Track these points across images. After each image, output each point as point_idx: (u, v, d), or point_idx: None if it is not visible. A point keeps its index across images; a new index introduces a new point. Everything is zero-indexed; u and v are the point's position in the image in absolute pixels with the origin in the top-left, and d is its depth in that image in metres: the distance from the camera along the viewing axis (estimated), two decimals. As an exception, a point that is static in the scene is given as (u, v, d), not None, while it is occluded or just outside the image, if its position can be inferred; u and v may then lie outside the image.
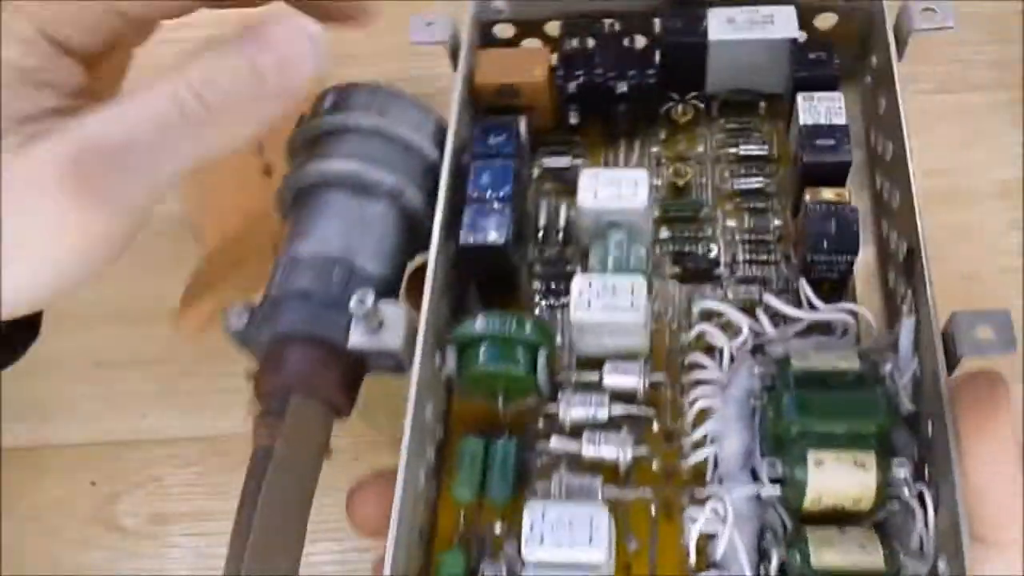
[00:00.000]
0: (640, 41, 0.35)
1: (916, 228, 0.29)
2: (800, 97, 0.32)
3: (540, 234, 0.34)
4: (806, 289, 0.30)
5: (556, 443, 0.29)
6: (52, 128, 0.25)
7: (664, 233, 0.33)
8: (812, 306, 0.30)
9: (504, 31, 0.36)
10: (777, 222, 0.33)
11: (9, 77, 0.26)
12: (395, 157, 0.31)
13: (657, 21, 0.35)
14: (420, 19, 0.34)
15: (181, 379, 0.46)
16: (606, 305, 0.29)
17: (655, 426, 0.30)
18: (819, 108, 0.32)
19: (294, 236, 0.31)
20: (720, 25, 0.34)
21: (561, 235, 0.34)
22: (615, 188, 0.31)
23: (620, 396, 0.30)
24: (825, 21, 0.35)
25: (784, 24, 0.33)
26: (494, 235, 0.30)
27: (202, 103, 0.25)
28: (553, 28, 0.36)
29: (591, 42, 0.35)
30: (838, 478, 0.26)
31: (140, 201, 0.26)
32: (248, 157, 0.42)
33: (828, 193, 0.31)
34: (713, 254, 0.33)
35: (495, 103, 0.34)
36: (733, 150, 0.34)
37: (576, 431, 0.30)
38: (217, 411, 0.45)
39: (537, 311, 0.33)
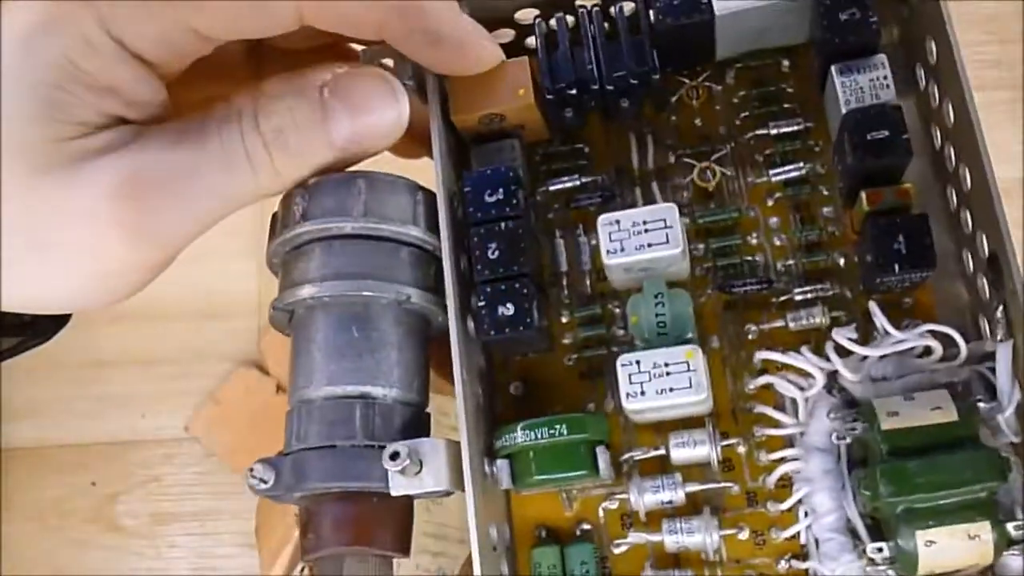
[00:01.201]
0: (628, 7, 0.29)
1: (999, 229, 0.25)
2: (836, 72, 0.27)
3: (564, 279, 0.30)
4: (880, 317, 0.26)
5: (635, 538, 0.27)
6: (114, 143, 0.24)
7: (700, 248, 0.29)
8: (887, 331, 0.26)
9: (468, 29, 0.30)
10: (827, 210, 0.29)
11: (63, 76, 0.23)
12: (390, 259, 0.27)
13: (646, -12, 0.29)
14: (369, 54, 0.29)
15: (181, 379, 0.46)
16: (661, 389, 0.26)
17: (734, 488, 0.28)
18: (861, 84, 0.27)
19: (301, 373, 0.27)
20: (726, -9, 0.28)
21: (587, 278, 0.30)
22: (643, 236, 0.27)
23: (692, 466, 0.27)
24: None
25: (803, -24, 0.28)
26: (519, 324, 0.27)
27: (269, 153, 0.25)
28: (522, 15, 0.30)
29: (570, 20, 0.30)
30: (952, 553, 0.24)
31: (183, 238, 0.25)
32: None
33: (890, 195, 0.26)
34: (761, 270, 0.29)
35: (480, 132, 0.30)
36: (762, 131, 0.29)
37: (652, 514, 0.27)
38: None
39: (573, 362, 0.30)
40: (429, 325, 0.28)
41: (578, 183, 0.30)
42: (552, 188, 0.30)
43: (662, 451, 0.27)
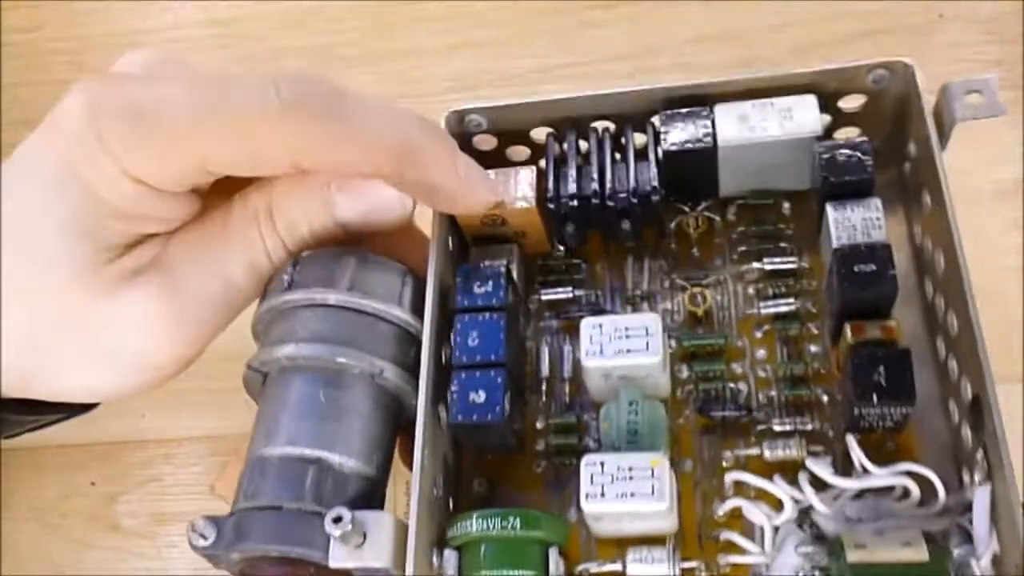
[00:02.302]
0: (639, 139, 0.31)
1: (982, 371, 0.24)
2: (830, 208, 0.28)
3: (544, 385, 0.30)
4: (856, 451, 0.25)
5: (578, 656, 0.25)
6: (146, 257, 0.27)
7: (684, 371, 0.29)
8: (864, 468, 0.26)
9: (484, 142, 0.32)
10: (815, 348, 0.29)
11: (93, 211, 0.26)
12: (368, 333, 0.27)
13: (656, 120, 0.30)
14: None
15: (181, 379, 0.47)
16: (622, 493, 0.25)
17: (691, 619, 0.26)
18: (854, 221, 0.27)
19: (261, 431, 0.27)
20: (731, 125, 0.29)
21: (567, 386, 0.30)
22: (623, 340, 0.27)
23: (648, 587, 0.26)
24: (853, 101, 0.30)
25: (806, 117, 0.29)
26: (487, 411, 0.26)
27: (286, 246, 0.28)
28: (539, 133, 0.32)
29: (583, 145, 0.31)
30: None
31: (220, 328, 0.28)
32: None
33: (873, 329, 0.26)
34: (743, 397, 0.28)
35: (482, 233, 0.30)
36: (757, 265, 0.30)
37: (601, 634, 0.26)
38: (217, 411, 0.45)
39: (542, 469, 0.29)
40: (401, 408, 0.28)
41: (571, 295, 0.31)
42: (545, 297, 0.31)
43: (618, 566, 0.26)
